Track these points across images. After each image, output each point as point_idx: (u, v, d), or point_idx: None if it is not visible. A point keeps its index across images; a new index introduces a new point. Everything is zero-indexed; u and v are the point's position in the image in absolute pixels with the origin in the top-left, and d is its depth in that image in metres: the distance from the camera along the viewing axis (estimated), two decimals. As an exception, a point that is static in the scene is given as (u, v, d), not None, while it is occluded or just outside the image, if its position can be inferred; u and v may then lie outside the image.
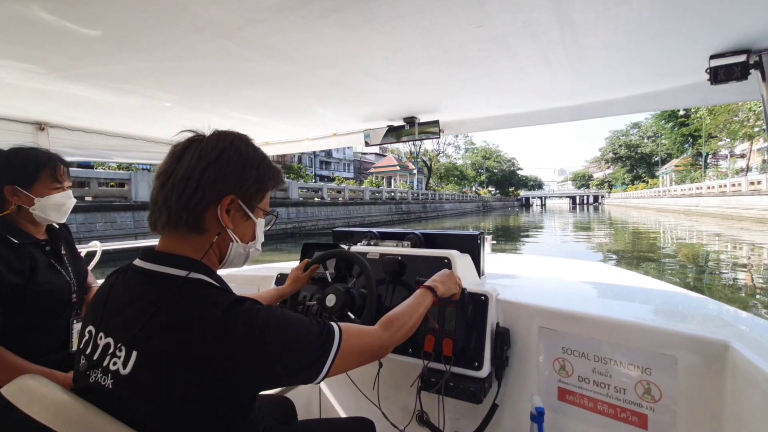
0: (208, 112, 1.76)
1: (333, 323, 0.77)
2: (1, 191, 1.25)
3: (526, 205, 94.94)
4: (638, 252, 13.85)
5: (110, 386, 0.65)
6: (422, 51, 1.13)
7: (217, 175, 0.72)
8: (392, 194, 35.34)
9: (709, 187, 31.85)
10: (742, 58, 1.08)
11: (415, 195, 40.98)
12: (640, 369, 1.08)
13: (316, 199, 23.86)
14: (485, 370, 1.20)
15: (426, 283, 1.11)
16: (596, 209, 64.04)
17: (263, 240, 0.86)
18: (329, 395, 1.78)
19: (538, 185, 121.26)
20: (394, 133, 2.16)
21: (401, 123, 2.12)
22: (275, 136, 2.35)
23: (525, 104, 1.79)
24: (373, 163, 65.78)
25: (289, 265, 2.01)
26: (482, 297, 1.29)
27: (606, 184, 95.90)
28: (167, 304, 0.66)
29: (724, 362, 0.97)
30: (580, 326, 1.18)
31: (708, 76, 1.12)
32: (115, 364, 0.66)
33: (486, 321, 1.25)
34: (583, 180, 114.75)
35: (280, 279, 1.78)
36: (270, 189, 0.83)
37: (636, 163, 78.38)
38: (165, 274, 0.70)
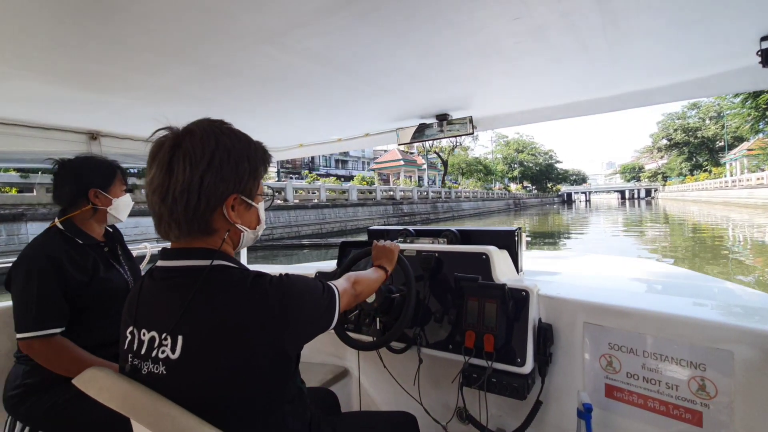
0: (243, 117, 1.90)
1: (328, 282, 0.98)
2: (84, 193, 1.44)
3: (568, 201, 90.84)
4: (700, 254, 13.04)
5: (164, 372, 0.76)
6: (457, 47, 1.20)
7: (215, 181, 0.78)
8: (391, 193, 30.81)
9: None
10: None
11: (424, 193, 35.98)
12: (694, 365, 1.10)
13: (278, 201, 20.43)
14: (528, 366, 1.25)
15: (377, 264, 1.31)
16: (648, 204, 60.17)
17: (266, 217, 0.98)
18: (370, 389, 1.88)
19: (581, 179, 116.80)
20: (426, 130, 2.24)
21: (433, 120, 2.19)
22: (309, 137, 2.48)
23: (561, 96, 1.82)
24: (434, 164, 59.06)
25: (327, 264, 2.13)
26: (523, 293, 1.34)
27: (660, 176, 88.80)
28: (200, 289, 0.76)
29: None
30: (627, 321, 1.21)
31: (759, 59, 1.13)
32: (163, 352, 0.76)
33: (528, 317, 1.30)
34: (632, 172, 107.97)
35: (319, 277, 1.89)
36: (263, 173, 0.90)
37: (695, 150, 71.31)
38: (190, 267, 0.80)
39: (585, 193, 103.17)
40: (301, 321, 0.81)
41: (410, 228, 1.99)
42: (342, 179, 42.78)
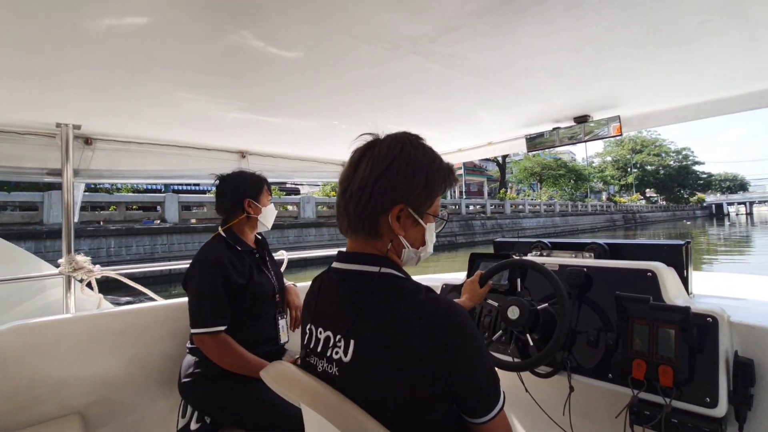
0: (371, 128, 2.04)
1: None
2: (240, 203, 1.70)
3: (717, 215, 72.92)
4: None
5: (337, 373, 0.80)
6: (624, 34, 1.12)
7: (387, 185, 0.81)
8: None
9: None
10: None
11: (454, 207, 26.04)
12: None
13: (157, 222, 14.48)
14: (722, 409, 1.07)
15: None
16: None
17: (435, 241, 0.95)
18: (508, 413, 1.80)
19: (738, 186, 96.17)
20: (559, 135, 2.12)
21: (570, 123, 2.07)
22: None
23: (744, 84, 1.57)
24: (481, 167, 47.52)
25: (455, 276, 2.13)
26: (708, 318, 1.17)
27: None
28: (371, 296, 0.80)
29: None
30: None
31: None
32: (337, 353, 0.81)
33: (717, 348, 1.12)
34: None
35: (445, 290, 1.90)
36: (440, 193, 0.90)
37: None
38: (361, 271, 0.85)
39: (745, 203, 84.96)
40: (467, 365, 0.77)
41: (545, 240, 1.89)
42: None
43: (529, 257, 1.73)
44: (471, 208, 27.60)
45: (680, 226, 45.74)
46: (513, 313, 1.35)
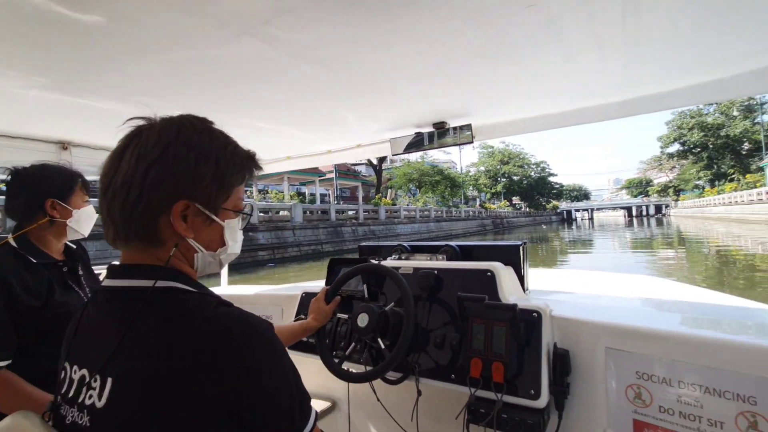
0: (225, 122, 1.82)
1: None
2: (39, 204, 1.34)
3: (569, 219, 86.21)
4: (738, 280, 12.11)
5: (87, 424, 0.63)
6: (461, 42, 1.12)
7: (162, 178, 0.65)
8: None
9: None
10: None
11: (321, 212, 23.66)
12: (742, 397, 0.98)
13: None
14: (543, 400, 1.13)
15: None
16: (659, 222, 56.69)
17: (242, 238, 0.81)
18: (361, 426, 1.74)
19: (582, 195, 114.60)
20: (421, 141, 2.18)
21: (430, 129, 2.13)
22: (297, 148, 2.40)
23: (569, 101, 1.76)
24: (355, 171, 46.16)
25: (316, 284, 2.01)
26: (534, 314, 1.24)
27: (671, 190, 78.58)
28: (138, 319, 0.63)
29: None
30: (659, 346, 1.09)
31: None
32: (90, 397, 0.63)
33: (541, 341, 1.19)
34: (639, 187, 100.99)
35: (305, 298, 1.77)
36: (238, 183, 0.76)
37: (717, 155, 57.77)
38: (134, 288, 0.68)
39: (588, 210, 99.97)
40: (265, 390, 0.64)
41: (405, 244, 1.89)
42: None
43: (389, 261, 1.71)
44: (349, 215, 25.94)
45: (539, 230, 52.03)
46: (362, 320, 1.29)
